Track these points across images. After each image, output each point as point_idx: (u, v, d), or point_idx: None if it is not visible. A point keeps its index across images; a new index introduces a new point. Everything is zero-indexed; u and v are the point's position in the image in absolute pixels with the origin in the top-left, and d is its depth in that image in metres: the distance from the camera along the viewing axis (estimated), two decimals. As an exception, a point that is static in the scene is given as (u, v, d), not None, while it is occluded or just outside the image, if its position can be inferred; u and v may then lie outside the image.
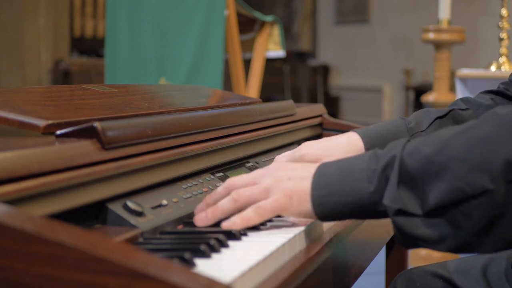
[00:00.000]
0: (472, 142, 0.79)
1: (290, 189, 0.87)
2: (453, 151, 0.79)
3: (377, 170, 0.83)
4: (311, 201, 0.86)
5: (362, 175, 0.84)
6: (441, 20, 3.05)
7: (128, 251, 0.60)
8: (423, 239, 0.80)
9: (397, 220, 0.81)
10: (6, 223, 0.61)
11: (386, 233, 1.28)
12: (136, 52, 2.89)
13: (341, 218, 0.88)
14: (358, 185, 0.83)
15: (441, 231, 0.79)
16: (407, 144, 0.83)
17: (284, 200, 0.87)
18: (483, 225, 0.77)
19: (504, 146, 0.77)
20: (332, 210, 0.85)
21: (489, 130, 0.79)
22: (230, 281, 0.66)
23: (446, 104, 3.08)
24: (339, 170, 0.86)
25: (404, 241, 0.83)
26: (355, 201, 0.84)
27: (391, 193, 0.81)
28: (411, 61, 8.26)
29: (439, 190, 0.78)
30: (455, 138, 0.80)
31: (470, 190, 0.77)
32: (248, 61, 3.02)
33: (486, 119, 0.81)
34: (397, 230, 0.82)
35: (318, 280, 0.83)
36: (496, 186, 0.76)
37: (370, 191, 0.83)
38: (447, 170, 0.78)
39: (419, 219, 0.80)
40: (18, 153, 0.72)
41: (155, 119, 0.99)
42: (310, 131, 1.59)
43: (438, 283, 1.15)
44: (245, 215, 0.87)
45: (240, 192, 0.88)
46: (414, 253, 3.08)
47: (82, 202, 0.80)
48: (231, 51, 2.81)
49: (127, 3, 2.90)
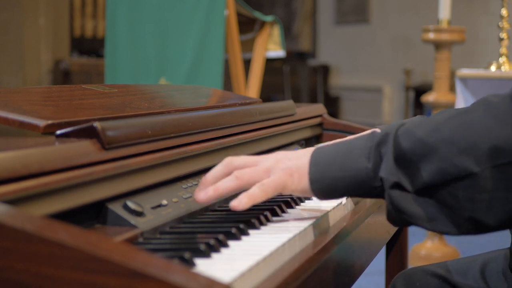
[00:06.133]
0: (462, 126, 0.82)
1: (290, 167, 0.90)
2: (443, 134, 0.82)
3: (372, 147, 0.86)
4: (308, 177, 0.89)
5: (359, 152, 0.87)
6: (441, 20, 3.05)
7: (128, 251, 0.60)
8: (415, 216, 0.83)
9: (392, 193, 0.84)
10: (6, 223, 0.61)
11: (386, 233, 1.28)
12: (136, 52, 2.89)
13: (337, 195, 0.90)
14: (355, 161, 0.87)
15: (430, 210, 0.82)
16: (401, 127, 0.87)
17: (286, 177, 0.89)
18: (468, 207, 0.80)
19: (492, 132, 0.80)
20: (328, 186, 0.88)
21: (480, 116, 0.82)
22: (230, 281, 0.66)
23: (446, 104, 3.08)
24: (337, 148, 0.90)
25: (396, 217, 0.85)
26: (351, 176, 0.86)
27: (387, 166, 0.84)
28: (411, 61, 8.25)
29: (428, 171, 0.81)
30: (446, 122, 0.84)
31: (456, 172, 0.80)
32: (248, 61, 3.02)
33: (478, 106, 0.84)
34: (391, 204, 0.85)
35: (318, 280, 0.83)
36: (480, 170, 0.79)
37: (367, 166, 0.86)
38: (436, 152, 0.82)
39: (410, 195, 0.83)
40: (18, 153, 0.72)
41: (155, 119, 0.99)
42: (310, 131, 1.59)
43: (437, 282, 1.15)
44: (251, 192, 0.89)
45: (242, 171, 0.90)
46: (414, 253, 3.08)
47: (82, 202, 0.80)
48: (231, 51, 2.81)
49: (127, 3, 2.90)
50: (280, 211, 0.99)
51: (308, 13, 9.77)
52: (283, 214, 0.99)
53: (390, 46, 8.65)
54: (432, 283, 1.16)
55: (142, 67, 2.88)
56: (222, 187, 0.90)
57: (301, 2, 9.76)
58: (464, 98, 2.89)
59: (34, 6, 5.85)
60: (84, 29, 6.83)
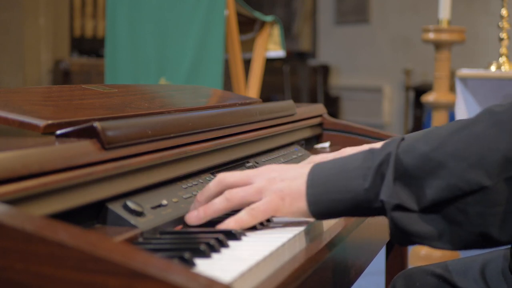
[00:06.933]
0: (468, 139, 0.80)
1: (282, 190, 0.87)
2: (450, 149, 0.80)
3: (372, 167, 0.83)
4: (306, 199, 0.86)
5: (357, 173, 0.84)
6: (441, 20, 3.05)
7: (128, 251, 0.60)
8: (420, 235, 0.81)
9: (394, 215, 0.81)
10: (6, 223, 0.61)
11: (386, 233, 1.27)
12: (136, 52, 2.89)
13: (336, 216, 0.88)
14: (353, 183, 0.84)
15: (437, 227, 0.80)
16: (401, 142, 0.84)
17: (277, 201, 0.87)
18: (479, 222, 0.78)
19: (501, 144, 0.78)
20: (327, 208, 0.86)
21: (486, 127, 0.80)
22: (230, 281, 0.66)
23: (446, 104, 3.08)
24: (334, 168, 0.86)
25: (400, 238, 0.83)
26: (350, 199, 0.84)
27: (388, 188, 0.81)
28: (411, 61, 8.25)
29: (435, 187, 0.79)
30: (451, 136, 0.81)
31: (466, 187, 0.78)
32: (248, 61, 3.02)
33: (483, 117, 0.82)
34: (394, 226, 0.82)
35: (318, 280, 0.83)
36: (493, 183, 0.77)
37: (365, 188, 0.83)
38: (444, 168, 0.79)
39: (416, 215, 0.81)
40: (18, 153, 0.72)
41: (155, 119, 0.99)
42: (310, 131, 1.59)
43: (437, 282, 1.15)
44: (239, 217, 0.87)
45: (233, 192, 0.89)
46: (414, 253, 3.08)
47: (82, 202, 0.80)
48: (231, 51, 2.81)
49: (127, 3, 2.90)
50: (280, 211, 0.99)
51: (308, 13, 9.77)
52: (283, 214, 0.99)
53: (390, 46, 8.65)
54: (432, 283, 1.15)
55: (142, 67, 2.88)
56: (211, 209, 0.89)
57: (301, 2, 9.76)
58: (464, 98, 2.89)
59: (34, 6, 5.85)
60: (84, 29, 6.82)
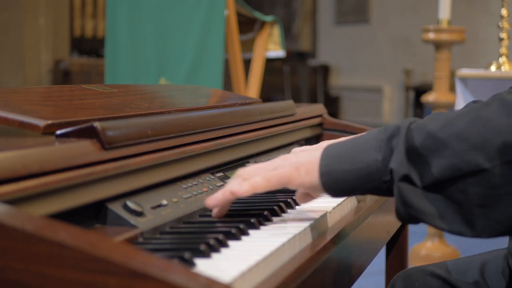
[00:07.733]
0: (474, 121, 0.81)
1: (297, 162, 0.90)
2: (455, 129, 0.81)
3: (384, 139, 0.85)
4: (319, 170, 0.88)
5: (371, 144, 0.86)
6: (441, 20, 3.05)
7: (128, 251, 0.60)
8: (422, 211, 0.82)
9: (401, 186, 0.82)
10: (6, 223, 0.61)
11: (386, 233, 1.28)
12: (136, 52, 2.89)
13: (345, 191, 0.89)
14: (366, 153, 0.86)
15: (439, 206, 0.81)
16: (416, 120, 0.86)
17: (291, 171, 0.89)
18: (478, 203, 0.79)
19: (504, 129, 0.79)
20: (337, 179, 0.87)
21: (493, 112, 0.81)
22: (230, 281, 0.66)
23: (446, 104, 3.09)
24: (348, 143, 0.89)
25: (405, 213, 0.83)
26: (362, 169, 0.85)
27: (398, 158, 0.83)
28: (411, 61, 8.26)
29: (438, 166, 0.80)
30: (459, 117, 0.83)
31: (466, 168, 0.79)
32: (248, 61, 3.02)
33: (493, 102, 0.83)
34: (399, 198, 0.83)
35: (318, 280, 0.83)
36: (491, 166, 0.78)
37: (377, 159, 0.85)
38: (447, 147, 0.81)
39: (420, 191, 0.82)
40: (18, 153, 0.72)
41: (155, 119, 0.99)
42: (310, 131, 1.59)
43: (436, 282, 1.15)
44: (255, 181, 0.89)
45: (248, 170, 0.91)
46: (414, 253, 3.08)
47: (82, 202, 0.80)
48: (231, 51, 2.80)
49: (127, 3, 2.90)
50: (280, 211, 0.99)
51: (308, 13, 9.77)
52: (283, 214, 0.99)
53: (390, 46, 8.65)
54: (431, 283, 1.15)
55: (142, 67, 2.88)
56: (229, 189, 0.90)
57: (301, 2, 9.76)
58: (464, 98, 2.89)
59: (34, 6, 5.85)
60: (84, 29, 6.83)
